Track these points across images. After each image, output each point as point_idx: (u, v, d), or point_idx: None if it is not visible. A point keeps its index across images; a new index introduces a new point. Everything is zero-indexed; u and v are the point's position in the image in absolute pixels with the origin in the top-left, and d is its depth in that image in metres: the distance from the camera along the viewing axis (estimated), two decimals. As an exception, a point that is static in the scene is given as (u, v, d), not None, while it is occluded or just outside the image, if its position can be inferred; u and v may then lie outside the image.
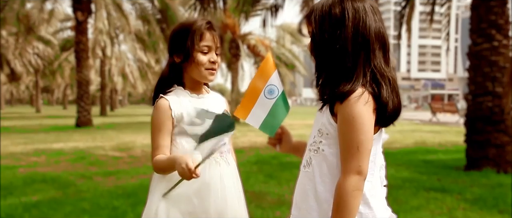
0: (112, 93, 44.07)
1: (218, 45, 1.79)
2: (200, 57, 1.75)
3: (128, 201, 4.70)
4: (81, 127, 17.59)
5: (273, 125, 1.60)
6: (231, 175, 1.82)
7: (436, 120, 22.65)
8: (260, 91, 1.57)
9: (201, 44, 1.75)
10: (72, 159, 8.34)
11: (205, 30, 1.75)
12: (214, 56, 1.78)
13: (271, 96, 1.57)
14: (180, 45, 1.76)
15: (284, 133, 1.66)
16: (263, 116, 1.58)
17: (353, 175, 1.29)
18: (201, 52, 1.75)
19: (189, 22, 1.80)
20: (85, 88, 18.31)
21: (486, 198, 4.79)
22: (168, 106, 1.74)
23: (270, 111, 1.58)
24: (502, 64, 6.75)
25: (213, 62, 1.77)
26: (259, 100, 1.57)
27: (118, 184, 5.82)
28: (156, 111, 1.76)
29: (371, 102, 1.31)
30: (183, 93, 1.81)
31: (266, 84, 1.57)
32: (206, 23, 1.77)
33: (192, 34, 1.74)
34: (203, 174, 1.72)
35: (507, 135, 6.66)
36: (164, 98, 1.76)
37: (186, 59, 1.76)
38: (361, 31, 1.35)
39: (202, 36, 1.75)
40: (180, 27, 1.82)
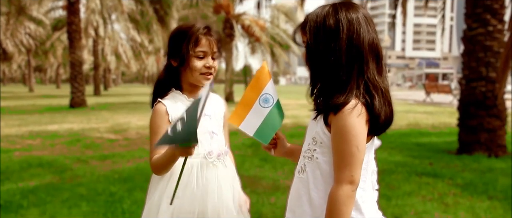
0: (105, 72, 43.82)
1: (215, 50, 1.80)
2: (195, 63, 1.76)
3: (124, 186, 4.75)
4: (75, 108, 17.56)
5: (267, 133, 1.62)
6: (228, 177, 1.85)
7: (430, 100, 22.80)
8: (255, 99, 1.59)
9: (197, 49, 1.76)
10: (67, 142, 8.36)
11: (201, 35, 1.76)
12: (210, 62, 1.79)
13: (266, 105, 1.59)
14: (177, 49, 1.77)
15: (279, 137, 1.69)
16: (258, 123, 1.60)
17: (345, 184, 1.33)
18: (196, 57, 1.76)
19: (187, 26, 1.80)
20: (78, 69, 18.21)
21: (476, 184, 4.89)
22: (165, 111, 1.77)
23: (264, 119, 1.60)
24: (497, 49, 6.78)
25: (209, 67, 1.79)
26: (254, 108, 1.59)
27: (114, 168, 5.86)
28: (154, 115, 1.79)
29: (364, 114, 1.34)
30: (180, 97, 1.83)
31: (261, 93, 1.59)
32: (204, 28, 1.78)
33: (188, 40, 1.75)
34: (200, 177, 1.75)
35: (499, 119, 6.75)
36: (161, 103, 1.79)
37: (181, 64, 1.78)
38: (355, 43, 1.36)
39: (198, 41, 1.75)
40: (178, 31, 1.82)
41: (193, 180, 1.76)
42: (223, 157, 1.84)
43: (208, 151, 1.80)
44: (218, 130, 1.86)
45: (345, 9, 1.40)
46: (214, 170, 1.80)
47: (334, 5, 1.43)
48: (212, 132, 1.82)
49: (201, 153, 1.78)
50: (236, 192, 1.89)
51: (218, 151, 1.82)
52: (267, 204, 4.13)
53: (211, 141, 1.81)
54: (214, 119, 1.85)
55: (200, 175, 1.77)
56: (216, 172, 1.80)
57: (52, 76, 68.63)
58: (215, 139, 1.83)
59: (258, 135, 1.61)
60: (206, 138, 1.80)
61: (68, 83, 23.74)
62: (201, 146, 1.78)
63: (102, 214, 3.76)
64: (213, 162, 1.80)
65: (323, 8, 1.42)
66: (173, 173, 1.76)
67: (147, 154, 6.97)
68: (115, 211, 3.82)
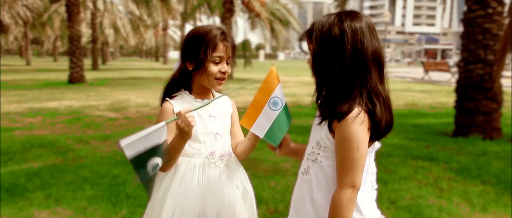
0: (103, 46, 43.56)
1: (230, 54, 1.84)
2: (212, 68, 1.80)
3: (127, 168, 4.84)
4: (74, 84, 17.57)
5: (277, 135, 1.68)
6: (231, 177, 1.89)
7: (428, 78, 22.84)
8: (264, 102, 1.64)
9: (214, 55, 1.79)
10: (68, 120, 8.44)
11: (219, 41, 1.79)
12: (225, 67, 1.82)
13: (275, 108, 1.65)
14: (193, 53, 1.80)
15: (284, 138, 1.76)
16: (268, 126, 1.66)
17: (347, 188, 1.41)
18: (213, 62, 1.80)
19: (204, 30, 1.82)
20: (77, 43, 18.13)
21: (471, 168, 5.00)
22: (172, 111, 1.80)
23: (274, 121, 1.66)
24: (495, 31, 6.80)
25: (223, 72, 1.82)
26: (264, 111, 1.65)
27: (116, 149, 5.95)
28: (161, 113, 1.84)
29: (366, 122, 1.41)
30: (188, 98, 1.87)
31: (271, 96, 1.64)
32: (221, 33, 1.81)
33: (206, 45, 1.78)
34: (202, 176, 1.82)
35: (495, 102, 6.83)
36: (169, 103, 1.83)
37: (198, 68, 1.81)
38: (359, 53, 1.42)
39: (215, 47, 1.78)
40: (194, 35, 1.84)
41: (194, 179, 1.81)
42: (226, 158, 1.89)
43: (210, 151, 1.84)
44: (223, 131, 1.90)
45: (350, 18, 1.45)
46: (216, 171, 1.84)
47: (339, 14, 1.48)
48: (216, 133, 1.86)
49: (203, 153, 1.84)
50: (248, 193, 1.92)
51: (221, 152, 1.86)
52: (267, 188, 4.24)
53: (215, 141, 1.86)
54: (219, 120, 1.89)
55: (201, 174, 1.82)
56: (218, 173, 1.85)
57: (49, 49, 68.11)
58: (219, 140, 1.87)
59: (268, 137, 1.67)
60: (210, 139, 1.85)
61: (65, 56, 23.61)
62: (204, 146, 1.84)
63: (106, 198, 3.86)
64: (216, 162, 1.85)
65: (329, 18, 1.47)
66: (176, 171, 1.83)
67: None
68: (119, 195, 3.92)
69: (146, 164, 1.59)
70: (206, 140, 1.84)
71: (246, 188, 1.93)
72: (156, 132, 1.58)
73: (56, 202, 3.78)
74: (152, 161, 1.60)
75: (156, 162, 1.61)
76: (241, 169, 1.96)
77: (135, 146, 1.54)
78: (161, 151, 1.59)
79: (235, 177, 1.90)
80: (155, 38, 56.39)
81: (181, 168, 1.83)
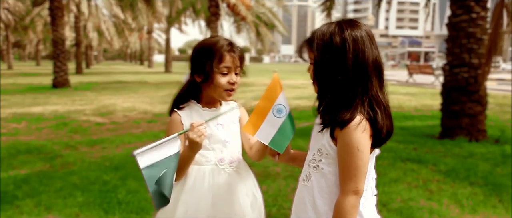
0: (87, 49, 43.08)
1: (238, 65, 1.84)
2: (220, 79, 1.80)
3: (117, 174, 4.81)
4: (58, 88, 17.35)
5: (282, 142, 1.68)
6: (241, 184, 1.89)
7: (413, 80, 23.13)
8: (268, 109, 1.64)
9: (221, 66, 1.79)
10: (53, 126, 8.33)
11: (225, 52, 1.79)
12: (233, 77, 1.83)
13: (280, 115, 1.65)
14: (201, 66, 1.82)
15: None
16: (273, 133, 1.65)
17: (351, 195, 1.44)
18: (220, 73, 1.80)
19: (210, 42, 1.83)
20: (61, 47, 17.89)
21: (458, 170, 5.08)
22: (180, 121, 1.84)
23: (279, 128, 1.65)
24: (479, 36, 6.93)
25: (232, 83, 1.83)
26: (268, 118, 1.64)
27: (104, 154, 5.90)
28: (169, 124, 1.87)
29: (368, 129, 1.43)
30: (196, 107, 1.88)
31: (275, 104, 1.64)
32: (227, 44, 1.81)
33: (213, 57, 1.79)
34: (212, 183, 1.83)
35: (480, 105, 6.95)
36: (176, 114, 1.86)
37: (206, 80, 1.82)
38: (360, 62, 1.44)
39: (222, 58, 1.79)
40: (201, 48, 1.85)
41: (204, 186, 1.83)
42: (236, 164, 1.90)
43: (219, 158, 1.86)
44: (231, 138, 1.90)
45: (350, 27, 1.47)
46: (225, 177, 1.86)
47: (339, 23, 1.50)
48: (224, 140, 1.88)
49: (212, 160, 1.85)
50: (256, 197, 1.93)
51: (230, 158, 1.88)
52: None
53: (224, 148, 1.87)
54: (226, 127, 1.90)
55: (211, 181, 1.84)
56: (228, 179, 1.86)
57: (31, 53, 67.06)
58: (228, 147, 1.88)
59: (273, 144, 1.66)
60: (219, 147, 1.87)
61: (48, 60, 23.20)
62: (213, 153, 1.86)
63: (97, 204, 3.82)
64: (225, 169, 1.86)
65: (329, 26, 1.49)
66: (187, 178, 1.85)
67: (135, 139, 7.04)
68: (110, 201, 3.89)
69: (158, 175, 1.60)
70: (215, 148, 1.87)
71: (255, 195, 1.94)
72: (169, 143, 1.61)
73: (46, 210, 3.73)
74: (162, 173, 1.60)
75: (164, 174, 1.61)
76: (251, 175, 1.97)
77: (148, 156, 1.57)
78: (172, 163, 1.61)
79: (245, 183, 1.91)
80: (140, 41, 55.97)
81: (191, 175, 1.85)
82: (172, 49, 40.16)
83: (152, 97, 14.16)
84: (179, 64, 55.26)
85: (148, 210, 3.73)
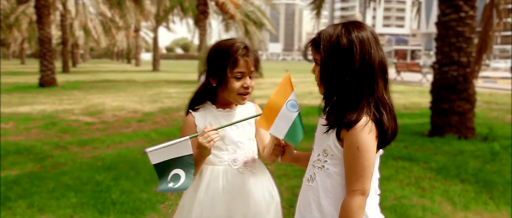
0: (73, 48, 42.59)
1: (252, 69, 1.84)
2: (233, 84, 1.81)
3: (110, 174, 4.77)
4: (45, 87, 17.13)
5: (297, 136, 1.65)
6: (256, 184, 1.89)
7: (400, 78, 23.35)
8: (282, 104, 1.61)
9: (235, 71, 1.80)
10: (42, 126, 8.22)
11: (239, 57, 1.80)
12: (247, 82, 1.83)
13: (293, 110, 1.63)
14: (216, 69, 1.83)
15: (287, 144, 1.78)
16: (287, 127, 1.63)
17: (357, 195, 1.45)
18: (234, 78, 1.81)
19: (226, 45, 1.83)
20: (47, 46, 17.67)
21: (449, 167, 5.15)
22: (193, 123, 1.87)
23: (293, 123, 1.63)
24: (468, 34, 7.02)
25: (246, 87, 1.83)
26: (282, 113, 1.61)
27: (96, 154, 5.85)
28: (184, 126, 1.91)
29: (374, 130, 1.45)
30: (211, 108, 1.90)
31: (288, 99, 1.62)
32: (242, 48, 1.81)
33: (227, 62, 1.79)
34: (226, 183, 1.85)
35: (469, 103, 7.05)
36: (191, 115, 1.89)
37: (220, 85, 1.83)
38: (367, 63, 1.45)
39: (236, 63, 1.79)
40: (217, 50, 1.86)
41: (218, 186, 1.85)
42: (250, 164, 1.90)
43: (233, 158, 1.87)
44: (245, 138, 1.91)
45: (357, 29, 1.48)
46: (239, 177, 1.87)
47: (345, 25, 1.51)
48: (238, 141, 1.89)
49: (226, 160, 1.87)
50: (273, 196, 1.94)
51: (244, 159, 1.88)
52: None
53: (237, 149, 1.88)
54: (241, 128, 1.91)
55: (225, 181, 1.85)
56: (242, 179, 1.87)
57: (16, 51, 66.04)
58: (242, 148, 1.89)
59: (288, 138, 1.65)
60: (232, 147, 1.88)
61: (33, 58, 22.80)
62: (226, 153, 1.87)
63: (92, 205, 3.79)
64: (238, 169, 1.87)
65: (335, 28, 1.50)
66: (201, 178, 1.86)
67: (126, 139, 7.00)
68: (104, 202, 3.86)
69: (167, 173, 1.71)
70: (228, 148, 1.88)
71: (272, 194, 1.94)
72: (180, 145, 1.69)
73: (40, 211, 3.68)
74: (173, 172, 1.71)
75: (177, 173, 1.71)
76: (267, 174, 1.98)
77: (159, 154, 1.67)
78: (186, 163, 1.70)
79: (260, 183, 1.91)
80: (127, 40, 55.52)
81: (205, 176, 1.87)
82: (159, 47, 39.89)
83: (141, 96, 14.07)
84: (167, 63, 55.05)
85: (142, 210, 3.71)
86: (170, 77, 25.52)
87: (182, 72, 32.89)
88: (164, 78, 25.07)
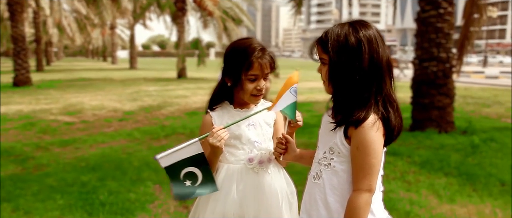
0: (47, 46, 41.61)
1: (267, 71, 1.84)
2: (247, 85, 1.83)
3: (95, 175, 4.70)
4: (20, 86, 16.70)
5: (293, 111, 1.79)
6: (271, 184, 1.89)
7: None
8: (287, 89, 1.75)
9: (249, 73, 1.81)
10: (20, 126, 8.03)
11: (254, 59, 1.80)
12: (261, 84, 1.84)
13: (295, 94, 1.76)
14: (231, 70, 1.84)
15: (289, 142, 1.78)
16: (288, 103, 1.77)
17: (364, 193, 1.47)
18: (248, 80, 1.82)
19: (243, 45, 1.84)
20: (21, 44, 17.20)
21: (433, 161, 5.26)
22: (210, 122, 1.89)
23: (292, 103, 1.77)
24: (447, 30, 7.17)
25: (259, 89, 1.84)
26: (286, 94, 1.75)
27: (78, 155, 5.75)
28: (202, 126, 1.94)
29: (381, 128, 1.46)
30: (228, 108, 1.91)
31: (292, 87, 1.76)
32: (259, 50, 1.81)
33: (241, 63, 1.80)
34: (240, 182, 1.86)
35: (448, 97, 7.21)
36: (208, 115, 1.91)
37: (235, 85, 1.85)
38: (375, 61, 1.47)
39: (250, 66, 1.80)
40: (232, 51, 1.87)
41: (233, 185, 1.86)
42: (266, 165, 1.90)
43: (248, 157, 1.87)
44: (262, 138, 1.91)
45: (363, 28, 1.49)
46: (254, 177, 1.87)
47: (352, 23, 1.51)
48: (254, 141, 1.89)
49: (242, 160, 1.87)
50: (290, 196, 1.95)
51: (260, 159, 1.88)
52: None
53: (254, 149, 1.89)
54: (258, 128, 1.91)
55: (239, 180, 1.86)
56: (257, 179, 1.87)
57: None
58: (258, 147, 1.89)
59: (288, 110, 1.77)
60: (249, 147, 1.88)
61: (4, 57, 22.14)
62: (243, 152, 1.88)
63: (80, 207, 3.72)
64: (254, 168, 1.87)
65: (342, 27, 1.50)
66: (217, 177, 1.87)
67: (109, 138, 6.90)
68: (93, 203, 3.79)
69: (179, 173, 1.75)
70: (244, 147, 1.89)
71: (288, 196, 1.95)
72: (190, 147, 1.72)
73: (26, 214, 3.60)
74: (186, 170, 1.75)
75: (191, 170, 1.76)
76: (283, 174, 1.97)
77: (169, 158, 1.71)
78: (199, 162, 1.74)
79: (276, 183, 1.91)
80: (102, 37, 54.56)
81: (221, 174, 1.89)
82: (135, 45, 39.31)
83: (120, 94, 13.87)
84: (143, 61, 54.25)
85: (132, 211, 3.67)
86: (148, 75, 25.22)
87: (160, 70, 32.56)
88: (142, 76, 24.76)
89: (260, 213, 1.86)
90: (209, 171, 1.78)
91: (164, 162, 1.70)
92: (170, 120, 8.84)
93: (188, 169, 1.74)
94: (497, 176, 4.72)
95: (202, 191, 1.79)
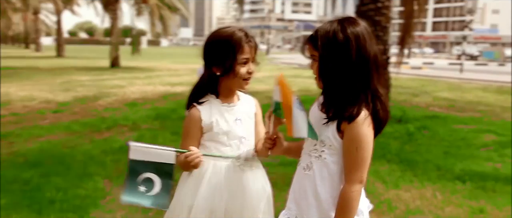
0: (-39, 31, 38.25)
1: (254, 54, 1.86)
2: (240, 70, 1.81)
3: (37, 171, 4.43)
4: None
5: (312, 130, 1.59)
6: (252, 178, 1.90)
7: (312, 64, 24.32)
8: (291, 107, 1.58)
9: (241, 57, 1.80)
10: None
11: (244, 43, 1.80)
12: (251, 67, 1.85)
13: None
14: (220, 58, 1.80)
15: (278, 137, 1.81)
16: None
17: (357, 184, 1.55)
18: (240, 64, 1.81)
19: (227, 34, 1.81)
20: None
21: (375, 149, 5.41)
22: (199, 117, 1.84)
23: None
24: (384, 24, 7.53)
25: (250, 72, 1.85)
26: (294, 114, 1.58)
27: (15, 150, 5.38)
28: (187, 119, 1.87)
29: (371, 123, 1.53)
30: (216, 102, 1.87)
31: (293, 100, 1.58)
32: (245, 35, 1.81)
33: (233, 49, 1.78)
34: (226, 179, 1.85)
35: (385, 88, 7.58)
36: (196, 109, 1.85)
37: (226, 73, 1.80)
38: (363, 57, 1.53)
39: (242, 50, 1.80)
40: (218, 39, 1.83)
41: (221, 181, 1.85)
42: (251, 160, 1.91)
43: (236, 154, 1.88)
44: (248, 133, 1.92)
45: (352, 25, 1.55)
46: (240, 173, 1.88)
47: (340, 21, 1.57)
48: (241, 137, 1.89)
49: (229, 157, 1.87)
50: (266, 192, 1.96)
51: (245, 155, 1.89)
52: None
53: (241, 145, 1.89)
54: (244, 122, 1.91)
55: (226, 177, 1.85)
56: (241, 175, 1.88)
57: None
58: (245, 143, 1.90)
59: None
60: (236, 143, 1.88)
61: None
62: (230, 149, 1.87)
63: (26, 206, 3.50)
64: (241, 166, 1.87)
65: (331, 25, 1.56)
66: (204, 173, 1.85)
67: (46, 132, 6.53)
68: (40, 201, 3.58)
69: (139, 175, 1.69)
70: (232, 144, 1.88)
71: (264, 187, 1.97)
72: (164, 153, 1.69)
73: (-35, 216, 3.33)
74: (147, 175, 1.69)
75: (151, 177, 1.70)
76: (261, 168, 1.99)
77: (141, 152, 1.66)
78: (163, 172, 1.69)
79: (256, 177, 1.93)
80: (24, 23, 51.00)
81: (208, 170, 1.85)
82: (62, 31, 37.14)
83: (50, 85, 13.09)
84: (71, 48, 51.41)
85: (85, 208, 3.52)
86: (78, 64, 23.99)
87: (90, 58, 31.06)
88: (72, 65, 23.52)
89: (243, 206, 1.88)
90: (169, 187, 1.73)
91: (135, 153, 1.65)
92: (110, 111, 8.51)
93: (149, 174, 1.69)
94: (433, 161, 5.09)
95: (150, 203, 1.70)
